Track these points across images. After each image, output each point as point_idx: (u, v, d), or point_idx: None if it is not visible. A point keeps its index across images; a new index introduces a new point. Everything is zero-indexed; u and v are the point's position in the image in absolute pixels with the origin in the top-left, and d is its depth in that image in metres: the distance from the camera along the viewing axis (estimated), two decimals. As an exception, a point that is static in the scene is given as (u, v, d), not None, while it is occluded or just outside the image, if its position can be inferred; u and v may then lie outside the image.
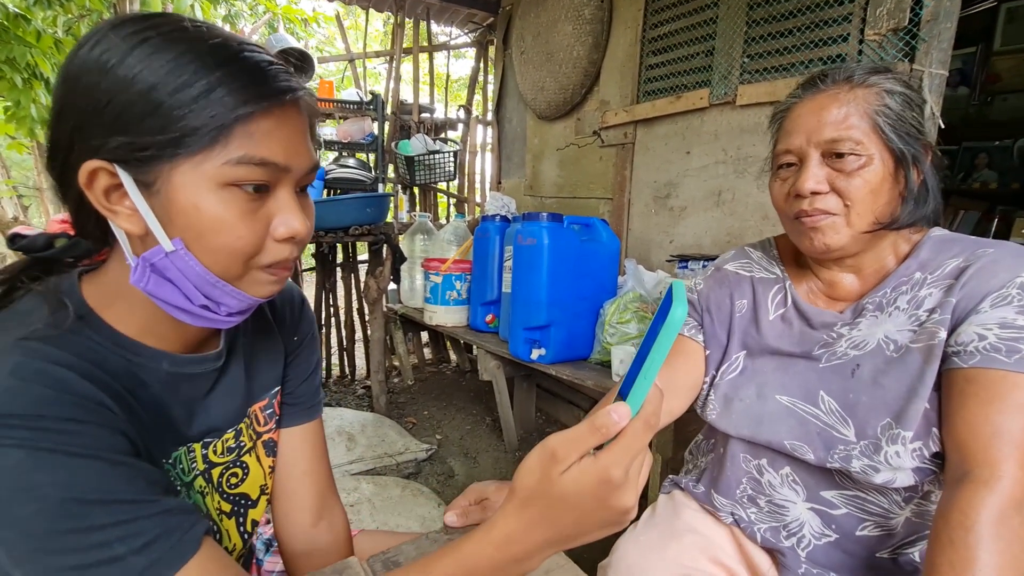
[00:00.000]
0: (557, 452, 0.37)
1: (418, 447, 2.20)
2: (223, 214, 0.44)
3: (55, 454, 0.38)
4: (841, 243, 0.69)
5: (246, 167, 0.43)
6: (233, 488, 0.61)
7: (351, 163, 2.98)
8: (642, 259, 2.20)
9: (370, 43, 4.44)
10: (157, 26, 0.43)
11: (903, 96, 0.68)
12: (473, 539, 0.41)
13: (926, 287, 0.68)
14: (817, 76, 0.72)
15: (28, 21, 2.16)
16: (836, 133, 0.67)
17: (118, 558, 0.39)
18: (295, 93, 0.46)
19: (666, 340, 0.34)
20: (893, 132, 0.66)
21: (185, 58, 0.42)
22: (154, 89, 0.41)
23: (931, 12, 1.32)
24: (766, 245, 0.89)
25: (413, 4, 3.18)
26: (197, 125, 0.41)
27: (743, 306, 0.84)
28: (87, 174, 0.43)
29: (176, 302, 0.47)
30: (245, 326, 0.63)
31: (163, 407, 0.51)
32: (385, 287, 2.57)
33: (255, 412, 0.65)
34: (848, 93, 0.68)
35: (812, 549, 0.75)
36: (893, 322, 0.70)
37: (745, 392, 0.80)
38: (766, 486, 0.79)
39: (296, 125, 0.47)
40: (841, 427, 0.70)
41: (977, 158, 2.76)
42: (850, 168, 0.67)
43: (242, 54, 0.44)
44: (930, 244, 0.71)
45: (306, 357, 0.72)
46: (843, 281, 0.77)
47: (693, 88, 1.96)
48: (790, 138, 0.72)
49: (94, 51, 0.42)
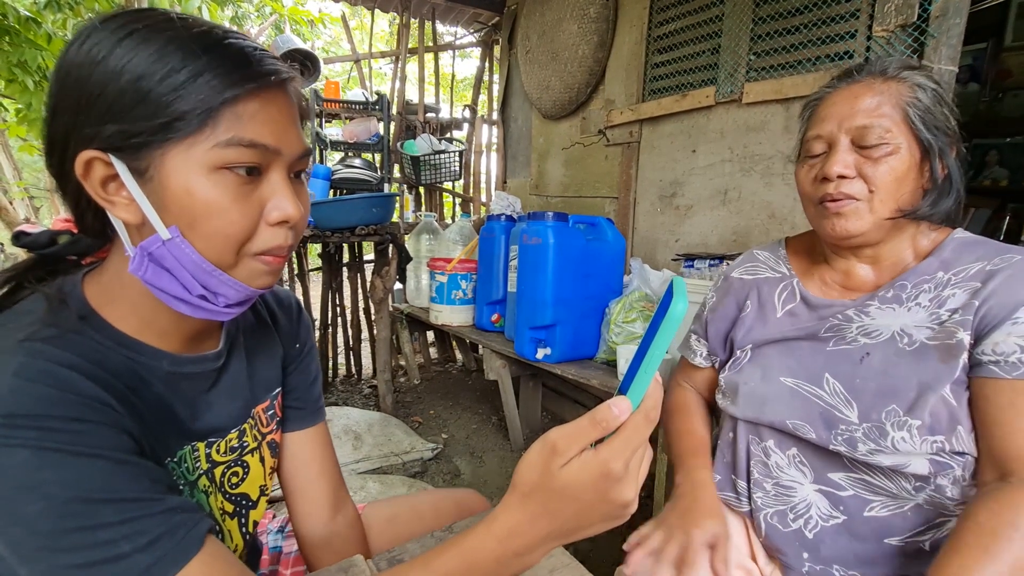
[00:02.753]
0: (558, 446, 0.38)
1: (424, 446, 2.21)
2: (216, 198, 0.44)
3: (60, 453, 0.39)
4: (862, 229, 0.72)
5: (236, 149, 0.44)
6: (234, 488, 0.62)
7: (357, 163, 2.99)
8: (648, 258, 2.19)
9: (376, 44, 4.45)
10: (143, 19, 0.44)
11: (934, 92, 0.71)
12: (475, 533, 0.42)
13: (950, 287, 0.69)
14: (854, 68, 0.75)
15: (39, 25, 2.19)
16: (868, 120, 0.70)
17: (123, 556, 0.39)
18: (280, 75, 0.47)
19: (667, 335, 0.35)
20: (922, 124, 0.69)
21: (171, 46, 0.43)
22: (142, 78, 0.42)
23: (940, 8, 1.31)
24: (775, 246, 0.92)
25: (418, 4, 3.19)
26: (185, 109, 0.42)
27: (748, 307, 0.87)
28: (83, 164, 0.44)
29: (174, 291, 0.47)
30: (244, 326, 0.64)
31: (166, 405, 0.52)
32: (391, 287, 2.58)
33: (259, 413, 0.65)
34: (882, 84, 0.71)
35: (819, 531, 0.74)
36: (912, 317, 0.71)
37: (750, 375, 0.82)
38: (773, 468, 0.79)
39: (284, 108, 0.48)
40: (844, 408, 0.72)
41: (988, 155, 2.73)
42: (878, 155, 0.69)
43: (226, 40, 0.45)
44: (953, 245, 0.73)
45: (308, 363, 0.74)
46: (859, 271, 0.79)
47: (699, 86, 1.95)
48: (823, 124, 0.74)
49: (84, 46, 0.43)
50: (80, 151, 0.44)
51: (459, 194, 3.64)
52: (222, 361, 0.58)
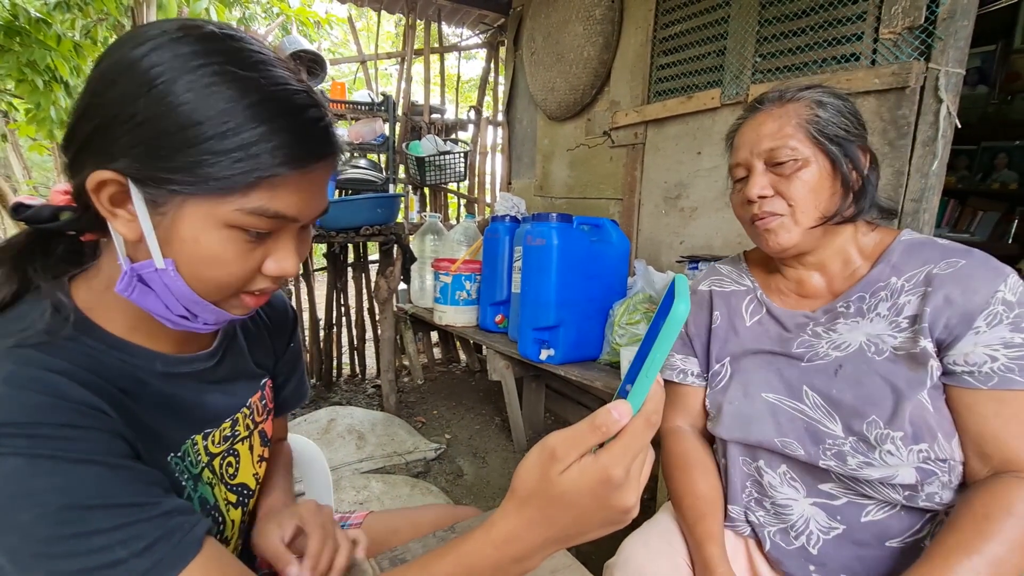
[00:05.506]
0: (556, 451, 0.37)
1: (427, 446, 2.21)
2: (221, 252, 0.44)
3: (53, 460, 0.38)
4: (793, 240, 0.77)
5: (257, 217, 0.43)
6: (233, 478, 0.62)
7: (362, 164, 3.00)
8: (652, 260, 2.19)
9: (382, 45, 4.47)
10: (216, 53, 0.41)
11: (833, 105, 0.76)
12: (473, 538, 0.41)
13: (904, 294, 0.73)
14: (756, 100, 0.82)
15: (49, 25, 2.21)
16: (772, 143, 0.76)
17: (120, 562, 0.39)
18: (333, 155, 0.46)
19: (668, 337, 0.34)
20: (823, 136, 0.74)
21: (240, 104, 0.40)
22: (196, 126, 0.39)
23: (948, 9, 1.30)
24: (735, 259, 0.96)
25: (424, 6, 3.20)
26: (227, 175, 0.41)
27: (718, 318, 0.90)
28: (96, 183, 0.42)
29: (156, 310, 0.48)
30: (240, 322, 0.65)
31: (164, 404, 0.52)
32: (395, 287, 2.59)
33: (255, 402, 0.66)
34: (780, 108, 0.78)
35: (822, 545, 0.75)
36: (874, 327, 0.74)
37: (733, 394, 0.83)
38: (768, 487, 0.79)
39: (320, 180, 0.47)
40: (827, 421, 0.74)
41: (996, 158, 2.70)
42: (789, 171, 0.75)
43: (294, 110, 0.42)
44: (901, 248, 0.77)
45: (294, 363, 0.79)
46: (810, 280, 0.83)
47: (704, 88, 1.95)
48: (738, 152, 0.81)
49: (145, 60, 0.40)
50: (99, 167, 0.41)
51: (464, 195, 3.64)
52: (216, 360, 0.59)
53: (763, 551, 0.80)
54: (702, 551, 0.78)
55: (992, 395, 0.65)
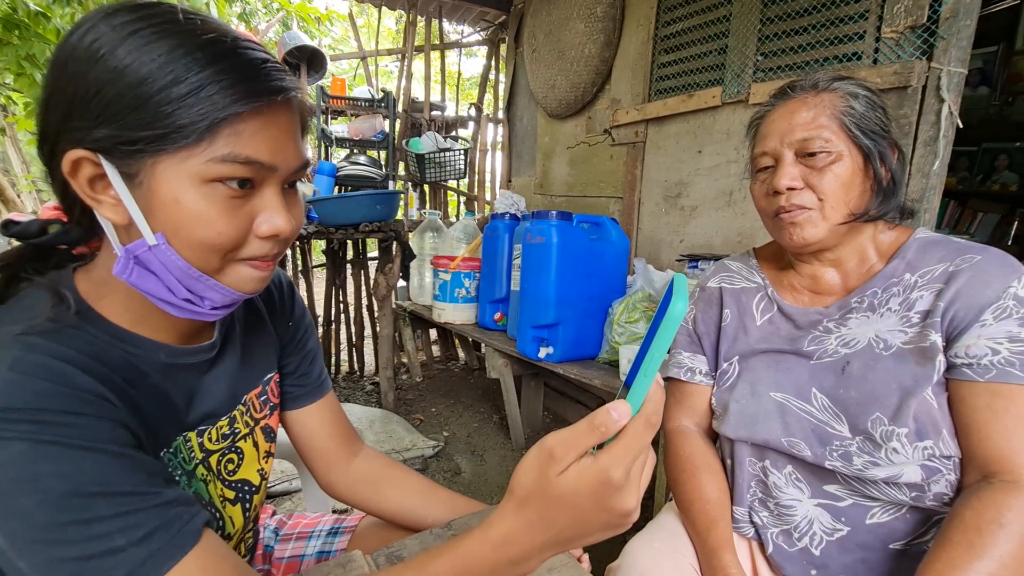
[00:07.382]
0: (555, 452, 0.36)
1: (425, 444, 2.21)
2: (204, 210, 0.44)
3: (56, 446, 0.38)
4: (819, 236, 0.74)
5: (230, 165, 0.43)
6: (232, 475, 0.62)
7: (362, 160, 2.99)
8: (652, 258, 2.18)
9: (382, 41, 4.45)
10: (150, 17, 0.42)
11: (866, 98, 0.73)
12: (470, 539, 0.41)
13: (917, 290, 0.71)
14: (787, 86, 0.79)
15: (48, 19, 2.20)
16: (806, 133, 0.73)
17: (118, 549, 0.39)
18: (287, 93, 0.46)
19: (667, 335, 0.33)
20: (859, 129, 0.72)
21: (177, 52, 0.41)
22: (143, 83, 0.40)
23: (950, 9, 1.29)
24: (745, 256, 0.94)
25: (425, 2, 3.19)
26: (184, 123, 0.41)
27: (728, 316, 0.88)
28: (70, 163, 0.43)
29: (159, 294, 0.47)
30: (238, 314, 0.64)
31: (164, 396, 0.52)
32: (394, 284, 2.59)
33: (251, 399, 0.66)
34: (815, 97, 0.74)
35: (825, 546, 0.74)
36: (884, 322, 0.73)
37: (740, 392, 0.82)
38: (772, 488, 0.79)
39: (285, 124, 0.47)
40: (835, 423, 0.72)
41: (997, 159, 2.70)
42: (821, 164, 0.72)
43: (235, 51, 0.43)
44: (917, 245, 0.75)
45: (305, 339, 0.75)
46: (825, 276, 0.81)
47: (705, 86, 1.94)
48: (766, 141, 0.78)
49: (85, 38, 0.42)
50: (69, 149, 0.43)
51: (463, 192, 3.63)
52: (216, 351, 0.59)
53: (765, 554, 0.80)
54: (717, 558, 0.76)
55: (987, 387, 0.64)
